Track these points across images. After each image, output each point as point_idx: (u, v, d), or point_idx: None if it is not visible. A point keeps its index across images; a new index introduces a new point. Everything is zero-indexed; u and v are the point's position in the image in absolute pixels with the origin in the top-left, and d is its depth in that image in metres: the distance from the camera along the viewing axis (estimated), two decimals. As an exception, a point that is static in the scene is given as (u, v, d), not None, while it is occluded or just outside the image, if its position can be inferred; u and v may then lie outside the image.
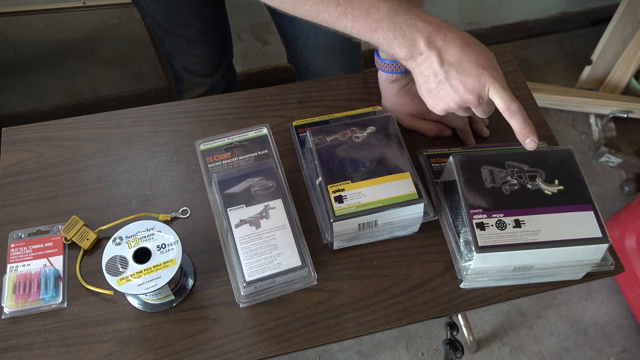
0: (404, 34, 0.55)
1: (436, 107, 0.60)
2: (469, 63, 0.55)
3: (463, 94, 0.57)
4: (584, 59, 1.79)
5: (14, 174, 0.71)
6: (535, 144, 0.57)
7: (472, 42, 0.56)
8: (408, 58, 0.57)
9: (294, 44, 1.00)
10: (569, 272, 0.63)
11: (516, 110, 0.56)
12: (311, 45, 0.97)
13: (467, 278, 0.61)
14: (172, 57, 1.08)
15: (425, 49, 0.56)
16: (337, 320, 0.61)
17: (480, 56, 0.56)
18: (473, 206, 0.60)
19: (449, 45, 0.55)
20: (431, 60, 0.56)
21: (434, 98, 0.59)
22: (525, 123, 0.57)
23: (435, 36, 0.55)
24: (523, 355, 1.37)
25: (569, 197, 0.61)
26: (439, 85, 0.58)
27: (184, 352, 0.59)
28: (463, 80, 0.56)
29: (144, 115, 0.76)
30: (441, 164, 0.71)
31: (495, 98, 0.57)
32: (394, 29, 0.55)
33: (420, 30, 0.55)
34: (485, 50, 0.57)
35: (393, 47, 0.56)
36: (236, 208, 0.62)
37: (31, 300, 0.61)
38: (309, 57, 1.00)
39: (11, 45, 1.40)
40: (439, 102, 0.59)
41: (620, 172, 1.68)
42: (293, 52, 1.04)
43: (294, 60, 1.06)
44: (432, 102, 0.60)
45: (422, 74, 0.58)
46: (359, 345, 1.36)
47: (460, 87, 0.56)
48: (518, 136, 0.58)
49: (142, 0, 0.94)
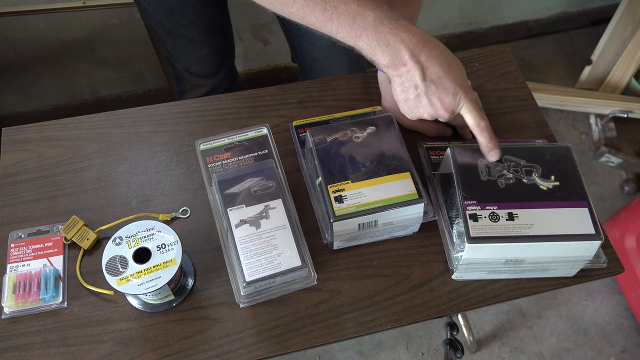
0: (388, 44, 0.57)
1: (409, 114, 0.64)
2: (448, 82, 0.59)
3: (439, 109, 0.61)
4: (584, 59, 1.79)
5: (14, 174, 0.71)
6: (498, 156, 0.63)
7: (451, 60, 0.60)
8: (390, 67, 0.59)
9: (299, 42, 1.01)
10: (561, 268, 0.63)
11: (485, 127, 0.62)
12: (317, 43, 0.98)
13: (459, 268, 0.62)
14: (174, 58, 1.08)
15: (409, 61, 0.58)
16: (337, 320, 0.61)
17: (458, 74, 0.60)
18: (467, 197, 0.60)
19: (432, 61, 0.59)
20: (414, 74, 0.59)
21: (410, 107, 0.63)
22: (491, 138, 0.62)
23: (420, 50, 0.58)
24: (523, 355, 1.37)
25: (564, 193, 0.61)
26: (417, 98, 0.61)
27: (184, 352, 0.59)
28: (441, 98, 0.60)
29: (144, 115, 0.76)
30: (440, 157, 0.72)
31: (466, 116, 0.62)
32: (378, 38, 0.57)
33: (404, 42, 0.58)
34: (461, 67, 0.62)
35: (376, 54, 0.59)
36: (236, 208, 0.62)
37: (31, 300, 0.61)
38: (314, 55, 1.01)
39: (11, 45, 1.40)
40: (413, 111, 0.63)
41: (620, 172, 1.68)
42: (298, 50, 1.04)
43: (299, 58, 1.06)
44: (406, 109, 0.64)
45: (402, 84, 0.61)
46: (359, 345, 1.36)
47: (437, 103, 0.61)
48: (483, 149, 0.63)
49: (144, 1, 0.94)
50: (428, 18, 1.77)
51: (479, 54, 0.84)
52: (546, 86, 1.76)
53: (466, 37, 1.89)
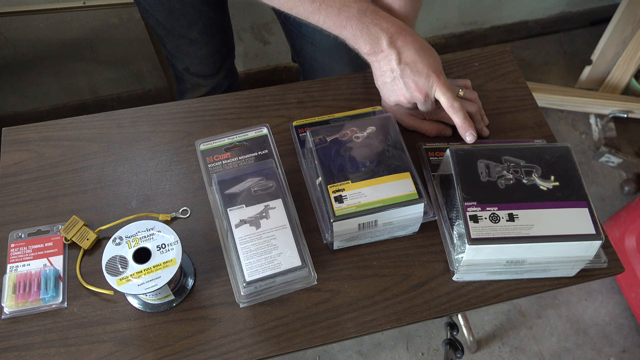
0: (369, 32, 0.64)
1: (389, 99, 0.70)
2: (421, 65, 0.65)
3: (413, 91, 0.66)
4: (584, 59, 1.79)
5: (13, 174, 0.71)
6: (474, 137, 0.67)
7: (426, 47, 0.66)
8: (370, 54, 0.66)
9: (300, 42, 1.01)
10: (562, 268, 0.63)
11: (458, 108, 0.66)
12: (317, 43, 0.98)
13: (460, 270, 0.62)
14: (174, 58, 1.08)
15: (386, 47, 0.64)
16: (337, 320, 0.61)
17: (432, 60, 0.66)
18: (467, 198, 0.60)
19: (408, 47, 0.64)
20: (390, 58, 0.65)
21: (387, 91, 0.69)
22: (465, 119, 0.67)
23: (397, 37, 0.64)
24: (523, 355, 1.37)
25: (564, 193, 0.61)
26: (393, 81, 0.67)
27: (184, 352, 0.59)
28: (415, 80, 0.65)
29: (144, 115, 0.76)
30: (439, 158, 0.72)
31: (440, 97, 0.66)
32: (361, 27, 0.63)
33: (384, 30, 0.64)
34: (436, 55, 0.67)
35: (358, 43, 0.65)
36: (236, 208, 0.62)
37: (31, 300, 0.61)
38: (314, 55, 1.02)
39: (11, 45, 1.40)
40: (391, 95, 0.69)
41: (620, 172, 1.68)
42: (298, 50, 1.04)
43: (299, 57, 1.07)
44: (385, 94, 0.70)
45: (380, 68, 0.67)
46: (359, 345, 1.36)
47: (412, 85, 0.66)
48: (459, 130, 0.68)
49: (145, 2, 0.94)
50: (428, 18, 1.77)
51: (479, 54, 0.84)
52: (546, 86, 1.76)
53: (466, 37, 1.89)
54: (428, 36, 1.85)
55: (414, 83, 0.65)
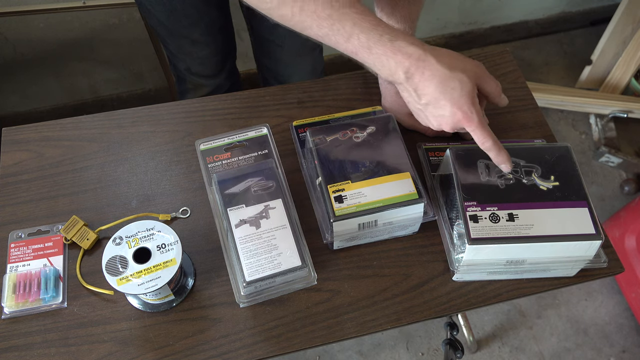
0: (383, 64, 0.58)
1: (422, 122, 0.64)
2: (444, 101, 0.57)
3: (439, 125, 0.60)
4: (584, 59, 1.79)
5: (13, 174, 0.71)
6: (509, 167, 0.60)
7: (447, 78, 0.57)
8: (390, 81, 0.61)
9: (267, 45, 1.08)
10: (562, 268, 0.63)
11: (490, 147, 0.59)
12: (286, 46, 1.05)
13: (460, 270, 0.62)
14: (175, 59, 1.09)
15: (404, 81, 0.58)
16: (337, 320, 0.61)
17: (457, 93, 0.57)
18: (467, 198, 0.60)
19: (426, 83, 0.57)
20: (410, 93, 0.60)
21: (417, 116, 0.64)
22: (500, 152, 0.59)
23: (414, 72, 0.57)
24: (523, 355, 1.37)
25: (564, 193, 0.61)
26: (418, 112, 0.62)
27: (184, 352, 0.59)
28: (440, 115, 0.59)
29: (144, 115, 0.76)
30: (439, 158, 0.72)
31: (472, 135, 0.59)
32: (373, 59, 0.58)
33: (399, 64, 0.57)
34: (461, 83, 0.57)
35: (374, 70, 0.60)
36: (236, 208, 0.62)
37: (31, 300, 0.61)
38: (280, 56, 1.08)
39: (11, 45, 1.40)
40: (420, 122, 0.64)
41: (620, 172, 1.68)
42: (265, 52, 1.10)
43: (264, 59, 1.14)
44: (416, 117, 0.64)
45: (405, 97, 0.62)
46: (359, 345, 1.36)
47: (438, 120, 0.60)
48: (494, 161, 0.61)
49: (147, 2, 0.94)
50: (428, 18, 1.77)
51: (479, 54, 0.84)
52: (546, 86, 1.76)
53: (466, 37, 1.89)
54: (428, 36, 1.85)
55: (439, 119, 0.59)
